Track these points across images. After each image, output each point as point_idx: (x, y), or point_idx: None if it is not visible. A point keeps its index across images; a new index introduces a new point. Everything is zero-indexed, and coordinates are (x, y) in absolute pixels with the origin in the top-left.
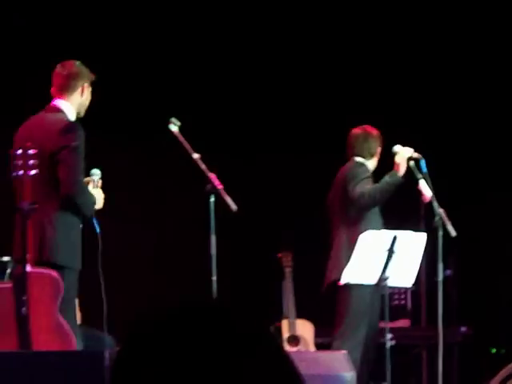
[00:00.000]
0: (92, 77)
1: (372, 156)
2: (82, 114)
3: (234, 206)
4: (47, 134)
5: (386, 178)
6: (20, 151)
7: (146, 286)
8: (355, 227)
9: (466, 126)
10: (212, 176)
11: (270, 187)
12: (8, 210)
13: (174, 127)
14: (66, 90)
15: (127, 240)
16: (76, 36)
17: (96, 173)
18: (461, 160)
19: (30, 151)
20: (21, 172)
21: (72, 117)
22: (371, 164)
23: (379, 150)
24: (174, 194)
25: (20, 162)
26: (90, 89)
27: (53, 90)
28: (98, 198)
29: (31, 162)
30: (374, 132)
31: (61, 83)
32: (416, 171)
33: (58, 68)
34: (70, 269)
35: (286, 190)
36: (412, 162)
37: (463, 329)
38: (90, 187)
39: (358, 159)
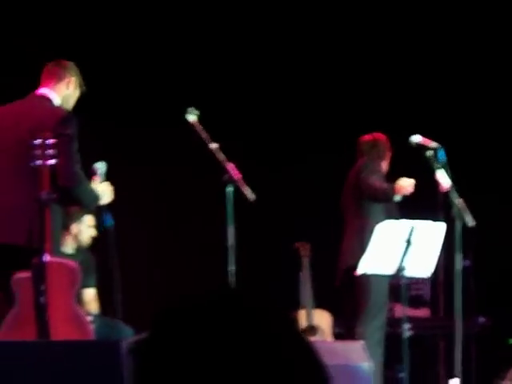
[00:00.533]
0: (80, 81)
1: (381, 159)
2: (68, 109)
3: (251, 196)
4: (40, 122)
5: (389, 189)
6: (39, 141)
7: (162, 276)
8: (367, 217)
9: (483, 115)
10: (230, 166)
11: (287, 177)
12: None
13: (192, 117)
14: (52, 77)
15: (144, 230)
16: (94, 27)
17: (100, 166)
18: (479, 149)
19: (49, 141)
20: (39, 162)
21: (58, 104)
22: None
23: (388, 154)
24: (192, 184)
25: (38, 152)
26: (77, 90)
27: (41, 80)
28: (105, 191)
29: (49, 151)
30: (382, 138)
31: (48, 71)
32: (434, 161)
33: (49, 63)
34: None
35: (303, 180)
36: (430, 152)
37: (481, 319)
38: (97, 181)
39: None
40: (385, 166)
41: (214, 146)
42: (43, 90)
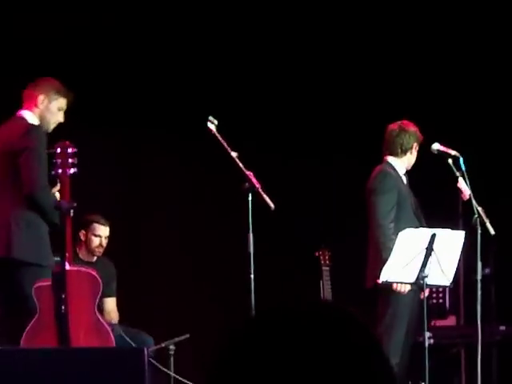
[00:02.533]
0: (61, 94)
1: (405, 152)
2: (49, 128)
3: (271, 205)
4: (10, 137)
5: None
6: (59, 150)
7: (184, 284)
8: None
9: (504, 123)
10: (250, 174)
11: (307, 185)
12: None
13: (212, 125)
14: (26, 98)
15: (165, 238)
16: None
17: None
18: (498, 157)
19: (70, 150)
20: (60, 170)
21: (34, 123)
22: (403, 162)
23: (414, 145)
24: (212, 193)
25: (59, 161)
26: (54, 103)
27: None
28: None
29: (70, 160)
30: (409, 127)
31: (24, 93)
32: (454, 169)
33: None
34: (32, 265)
35: (324, 188)
36: (450, 160)
37: (502, 328)
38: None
39: (390, 159)
40: (408, 160)
41: (234, 154)
42: (21, 111)
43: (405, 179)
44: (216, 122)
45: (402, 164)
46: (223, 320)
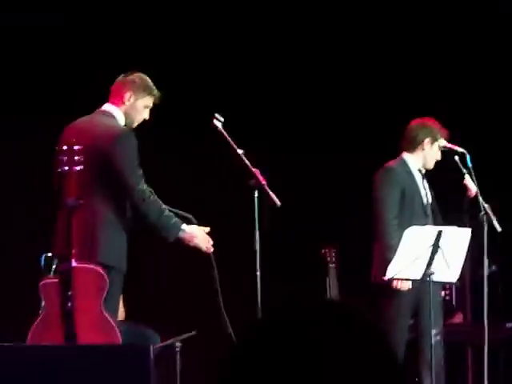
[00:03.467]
0: (148, 92)
1: (416, 148)
2: (133, 125)
3: (278, 202)
4: (101, 138)
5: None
6: (65, 147)
7: (190, 281)
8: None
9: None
10: (256, 171)
11: (314, 182)
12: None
13: (218, 123)
14: (113, 92)
15: None
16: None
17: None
18: (507, 154)
19: (76, 147)
20: (66, 168)
21: (121, 122)
22: (418, 158)
23: (427, 141)
24: (218, 189)
25: (65, 158)
26: (141, 101)
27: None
28: (195, 234)
29: (76, 157)
30: (426, 122)
31: (113, 86)
32: (461, 166)
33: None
34: (115, 269)
35: (331, 185)
36: (457, 157)
37: (509, 325)
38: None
39: (404, 155)
40: (422, 157)
41: (240, 151)
42: (105, 106)
43: (418, 176)
44: (222, 119)
45: (416, 160)
46: (230, 317)
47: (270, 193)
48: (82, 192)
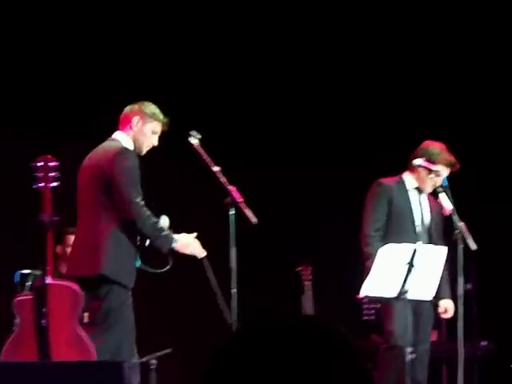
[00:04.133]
0: (155, 118)
1: (413, 168)
2: (141, 150)
3: (254, 219)
4: (101, 159)
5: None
6: (41, 163)
7: (166, 298)
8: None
9: (487, 140)
10: (232, 189)
11: (291, 200)
12: (26, 222)
13: (195, 140)
14: (121, 120)
15: None
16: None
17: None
18: (482, 173)
19: (51, 163)
20: (41, 184)
21: (127, 145)
22: (415, 177)
23: (417, 162)
24: (194, 207)
25: (41, 175)
26: (148, 126)
27: None
28: (187, 242)
29: (52, 174)
30: (429, 145)
31: (121, 117)
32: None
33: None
34: (118, 284)
35: (307, 203)
36: (433, 175)
37: (484, 343)
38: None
39: (405, 173)
40: (421, 177)
41: (216, 168)
42: (115, 133)
43: (414, 194)
44: (199, 136)
45: (413, 179)
46: (205, 335)
47: (246, 210)
48: (88, 213)
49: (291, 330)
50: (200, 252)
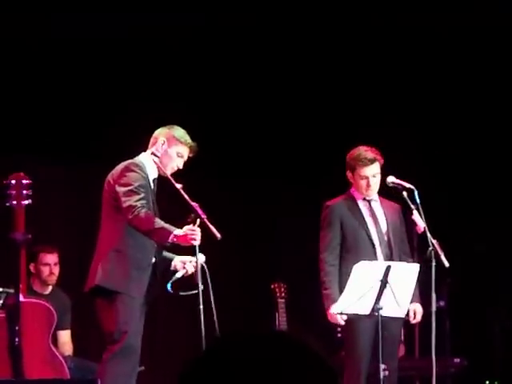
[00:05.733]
0: (182, 141)
1: (350, 181)
2: (165, 171)
3: (218, 235)
4: (114, 174)
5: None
6: (13, 181)
7: None
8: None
9: (457, 156)
10: (195, 205)
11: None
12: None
13: (157, 158)
14: (150, 142)
15: None
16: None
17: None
18: (455, 190)
19: (24, 181)
20: (14, 202)
21: (142, 162)
22: (357, 189)
23: (349, 173)
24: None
25: (13, 192)
26: (174, 148)
27: None
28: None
29: (25, 192)
30: (348, 155)
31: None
32: (409, 202)
33: None
34: (122, 294)
35: (280, 219)
36: (405, 193)
37: (457, 360)
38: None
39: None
40: (357, 185)
41: (178, 186)
42: (141, 154)
43: (364, 206)
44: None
45: (358, 191)
46: (177, 353)
47: (210, 226)
48: (101, 227)
49: (263, 344)
50: (199, 239)
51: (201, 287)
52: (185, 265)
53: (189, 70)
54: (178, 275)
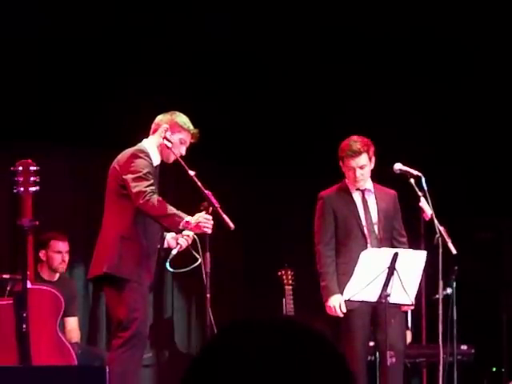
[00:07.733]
0: (184, 127)
1: (343, 170)
2: (168, 158)
3: (231, 224)
4: (119, 160)
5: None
6: (21, 168)
7: None
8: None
9: (466, 144)
10: (208, 194)
11: (273, 203)
12: (6, 227)
13: (170, 144)
14: (152, 130)
15: None
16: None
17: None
18: (462, 177)
19: (31, 168)
20: (21, 189)
21: (147, 149)
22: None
23: (341, 165)
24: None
25: (21, 179)
26: (176, 135)
27: None
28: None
29: (32, 178)
30: (340, 145)
31: (152, 125)
32: (416, 189)
33: None
34: (131, 281)
35: (287, 207)
36: (412, 180)
37: (464, 347)
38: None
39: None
40: (347, 176)
41: (191, 173)
42: (143, 140)
43: (358, 195)
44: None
45: (349, 182)
46: (186, 339)
47: (223, 215)
48: (105, 215)
49: (270, 331)
50: (210, 226)
51: (200, 259)
52: (177, 240)
53: (195, 63)
54: (174, 252)
